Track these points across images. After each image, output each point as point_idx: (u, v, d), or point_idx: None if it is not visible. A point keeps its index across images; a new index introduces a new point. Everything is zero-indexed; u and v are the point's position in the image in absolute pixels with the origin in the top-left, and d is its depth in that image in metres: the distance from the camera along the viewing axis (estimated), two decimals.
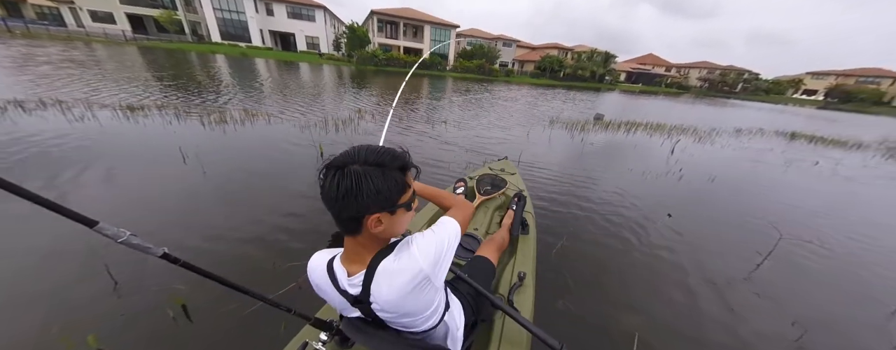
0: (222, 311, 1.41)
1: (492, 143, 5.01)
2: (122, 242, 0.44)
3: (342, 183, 0.52)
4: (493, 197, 2.02)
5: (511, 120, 7.46)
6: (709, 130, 8.10)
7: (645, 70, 47.94)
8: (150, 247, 0.48)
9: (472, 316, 0.90)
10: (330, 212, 0.56)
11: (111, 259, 1.66)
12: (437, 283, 0.63)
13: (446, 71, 31.82)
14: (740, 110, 17.91)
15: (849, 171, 5.30)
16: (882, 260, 2.51)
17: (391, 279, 0.59)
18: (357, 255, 0.62)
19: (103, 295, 1.50)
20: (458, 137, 5.15)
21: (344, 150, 0.56)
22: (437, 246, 0.62)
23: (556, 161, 4.39)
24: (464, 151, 4.36)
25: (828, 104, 37.94)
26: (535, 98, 14.07)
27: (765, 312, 1.80)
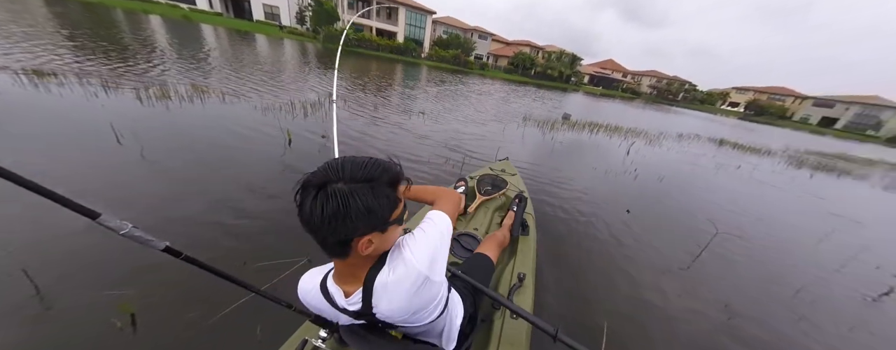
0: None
1: (469, 138, 5.02)
2: (123, 235, 0.43)
3: (327, 205, 0.45)
4: (493, 197, 2.00)
5: (486, 115, 7.54)
6: (657, 134, 8.95)
7: (605, 74, 51.27)
8: (152, 240, 0.47)
9: (471, 308, 0.90)
10: (313, 237, 0.50)
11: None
12: (438, 279, 0.60)
13: (421, 59, 30.90)
14: (681, 117, 20.04)
15: (762, 174, 6.24)
16: (785, 249, 3.02)
17: (391, 292, 0.57)
18: (350, 275, 0.59)
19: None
20: (436, 131, 5.05)
21: (323, 165, 0.49)
22: (429, 245, 0.59)
23: (528, 158, 4.55)
24: (442, 147, 4.28)
25: (746, 116, 44.05)
26: (507, 94, 14.35)
27: (704, 297, 2.07)
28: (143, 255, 1.36)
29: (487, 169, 2.50)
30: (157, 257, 0.54)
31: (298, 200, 0.48)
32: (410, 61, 27.08)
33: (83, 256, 1.51)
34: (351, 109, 5.46)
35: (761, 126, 27.54)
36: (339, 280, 0.61)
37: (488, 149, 4.52)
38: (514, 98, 12.90)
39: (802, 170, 7.52)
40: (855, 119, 42.19)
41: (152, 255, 0.54)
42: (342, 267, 0.59)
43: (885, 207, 5.61)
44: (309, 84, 7.23)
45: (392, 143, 4.13)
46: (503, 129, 6.08)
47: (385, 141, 4.13)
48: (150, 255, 1.36)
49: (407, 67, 20.07)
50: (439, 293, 0.65)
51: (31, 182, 0.37)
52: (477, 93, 12.29)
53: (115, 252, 1.53)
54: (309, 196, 0.46)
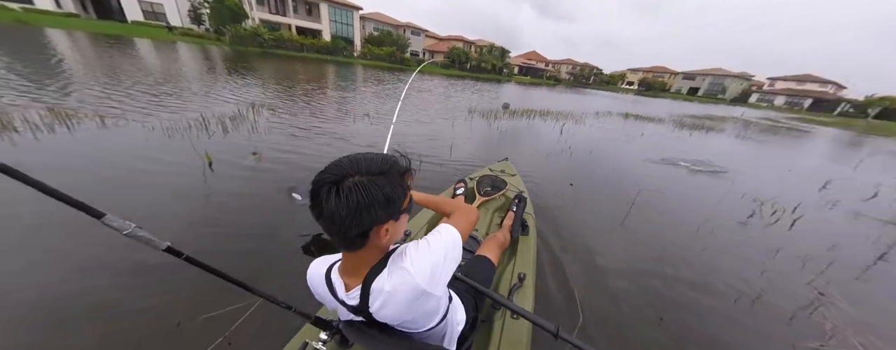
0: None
1: (420, 139, 4.95)
2: (127, 234, 0.44)
3: (350, 197, 0.47)
4: (493, 198, 1.97)
5: (433, 112, 7.56)
6: (580, 114, 10.12)
7: (531, 65, 55.56)
8: (154, 240, 0.48)
9: (473, 312, 0.90)
10: (331, 232, 0.50)
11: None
12: (437, 293, 0.59)
13: (354, 58, 29.15)
14: (594, 98, 22.94)
15: (659, 138, 7.57)
16: (685, 194, 3.75)
17: (387, 298, 0.56)
18: (354, 269, 0.59)
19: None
20: (383, 135, 4.79)
21: (334, 163, 0.51)
22: (432, 259, 0.57)
23: (479, 148, 4.73)
24: (392, 153, 4.15)
25: (639, 92, 52.47)
26: (446, 88, 14.54)
27: (641, 243, 2.47)
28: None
29: (487, 170, 2.49)
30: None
31: (314, 198, 0.48)
32: (342, 61, 25.43)
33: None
34: (281, 120, 4.82)
35: (650, 99, 33.09)
36: (344, 272, 0.61)
37: (441, 148, 4.50)
38: (455, 93, 13.14)
39: (684, 130, 9.33)
40: (709, 87, 53.65)
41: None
42: (349, 260, 0.59)
43: (738, 151, 7.34)
44: (222, 95, 6.18)
45: (337, 153, 3.83)
46: (452, 125, 6.18)
47: (328, 152, 3.70)
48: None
49: (339, 68, 18.83)
50: (438, 305, 0.65)
51: (39, 182, 0.37)
52: (418, 90, 12.19)
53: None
54: (328, 192, 0.47)
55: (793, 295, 2.05)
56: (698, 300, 1.90)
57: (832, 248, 2.77)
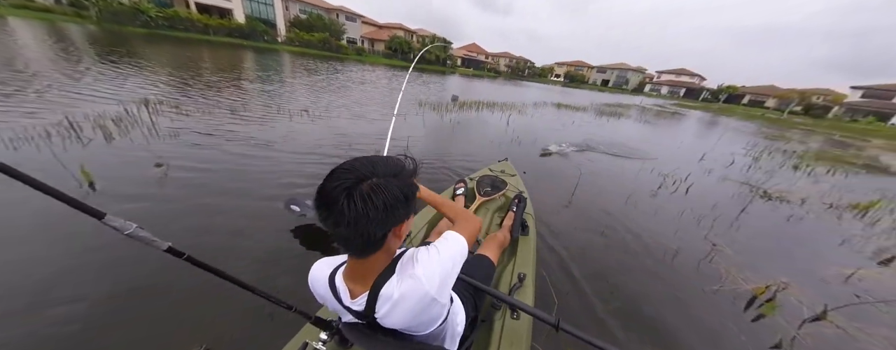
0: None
1: (374, 135, 4.66)
2: (128, 235, 0.44)
3: (376, 198, 0.45)
4: (493, 198, 1.94)
5: (383, 105, 7.15)
6: (521, 105, 10.80)
7: (473, 57, 56.80)
8: (156, 240, 0.47)
9: (473, 312, 0.89)
10: (351, 238, 0.48)
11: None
12: (443, 301, 0.58)
13: (277, 43, 25.59)
14: (530, 90, 24.72)
15: (587, 126, 8.56)
16: (615, 173, 4.32)
17: (395, 305, 0.55)
18: (362, 276, 0.57)
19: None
20: (328, 136, 4.17)
21: (340, 170, 0.48)
22: (441, 267, 0.56)
23: (436, 144, 4.66)
24: (345, 157, 3.80)
25: (565, 84, 58.57)
26: (389, 80, 13.94)
27: (587, 217, 2.75)
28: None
29: (487, 170, 2.45)
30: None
31: (329, 206, 0.45)
32: (263, 47, 22.17)
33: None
34: (189, 121, 3.79)
35: (574, 90, 37.20)
36: (349, 278, 0.59)
37: (397, 146, 4.28)
38: (401, 85, 12.67)
39: (603, 118, 10.75)
40: (616, 80, 62.72)
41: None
42: (357, 266, 0.57)
43: (643, 133, 8.77)
44: (97, 90, 4.67)
45: (278, 158, 3.11)
46: (405, 119, 5.95)
47: (263, 158, 3.01)
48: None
49: (261, 55, 16.34)
50: (442, 311, 0.64)
51: (42, 183, 0.37)
52: (361, 81, 11.39)
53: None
54: (351, 196, 0.45)
55: (696, 248, 2.54)
56: (632, 261, 2.22)
57: (713, 207, 3.52)
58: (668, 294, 1.94)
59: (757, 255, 2.56)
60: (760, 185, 4.59)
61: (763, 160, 6.60)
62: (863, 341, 1.70)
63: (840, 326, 1.78)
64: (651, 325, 1.66)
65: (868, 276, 2.42)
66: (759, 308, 1.90)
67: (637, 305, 1.79)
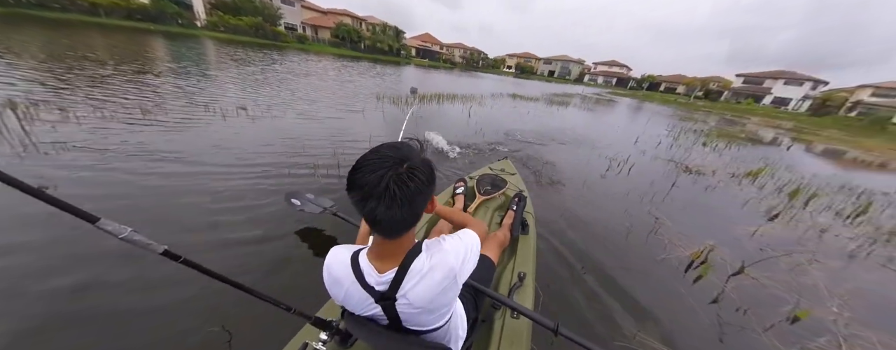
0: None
1: (332, 135, 4.24)
2: (122, 239, 0.43)
3: (419, 177, 0.50)
4: (493, 197, 1.92)
5: (336, 101, 6.58)
6: (480, 97, 10.92)
7: (427, 47, 55.59)
8: (151, 243, 0.46)
9: (473, 312, 0.88)
10: (395, 218, 0.50)
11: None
12: (460, 282, 0.61)
13: (196, 28, 21.90)
14: (485, 81, 25.22)
15: (540, 114, 9.02)
16: (567, 159, 4.61)
17: (425, 277, 0.57)
18: (391, 255, 0.59)
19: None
20: (275, 137, 3.56)
21: (374, 158, 0.49)
22: (464, 247, 0.63)
23: (395, 134, 4.44)
24: (299, 156, 3.24)
25: (517, 75, 61.09)
26: (338, 71, 12.95)
27: (552, 207, 2.88)
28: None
29: (487, 168, 2.41)
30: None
31: (372, 187, 0.47)
32: (176, 32, 18.82)
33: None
34: (78, 127, 2.99)
35: (525, 81, 39.05)
36: (376, 257, 0.60)
37: (359, 145, 3.95)
38: (354, 77, 11.84)
39: (553, 107, 11.45)
40: (560, 71, 67.40)
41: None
42: (386, 246, 0.58)
43: (588, 120, 9.57)
44: None
45: (203, 179, 2.37)
46: (363, 115, 5.56)
47: (186, 181, 2.32)
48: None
49: (174, 42, 13.89)
50: (453, 301, 0.65)
51: (34, 188, 0.37)
52: (304, 73, 10.33)
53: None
54: (398, 181, 0.47)
55: (643, 223, 2.84)
56: (595, 242, 2.38)
57: (651, 184, 3.98)
58: (627, 268, 2.13)
59: (688, 223, 2.95)
60: (682, 161, 5.33)
61: (681, 139, 7.70)
62: (770, 287, 2.08)
63: (754, 277, 2.14)
64: (619, 298, 1.79)
65: (765, 231, 2.97)
66: (696, 270, 2.19)
67: (605, 283, 1.92)
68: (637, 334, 1.55)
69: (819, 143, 11.45)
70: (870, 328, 1.78)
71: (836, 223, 3.44)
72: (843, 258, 2.64)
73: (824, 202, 4.09)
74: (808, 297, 2.00)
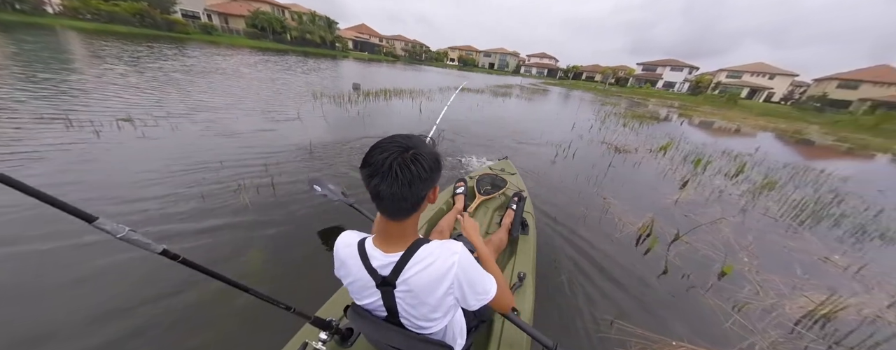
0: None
1: (267, 144, 3.53)
2: (121, 238, 0.42)
3: (422, 163, 0.52)
4: (492, 197, 1.91)
5: (262, 102, 5.58)
6: (429, 91, 10.61)
7: (365, 39, 52.10)
8: (150, 243, 0.45)
9: (474, 319, 0.85)
10: (403, 197, 0.52)
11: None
12: (454, 286, 0.59)
13: (47, 16, 16.75)
14: (430, 74, 24.85)
15: (488, 106, 9.17)
16: (521, 149, 4.72)
17: (427, 266, 0.57)
18: (398, 238, 0.60)
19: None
20: (183, 154, 2.85)
21: (385, 143, 0.53)
22: (475, 268, 0.61)
23: (346, 142, 3.95)
24: (208, 183, 2.53)
25: (460, 67, 61.94)
26: (264, 67, 11.25)
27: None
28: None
29: (487, 168, 2.39)
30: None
31: (384, 167, 0.50)
32: (15, 21, 14.30)
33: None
34: None
35: (468, 73, 39.82)
36: (382, 241, 0.61)
37: (300, 153, 3.36)
38: (281, 73, 10.34)
39: (498, 98, 11.81)
40: (499, 63, 70.57)
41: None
42: (393, 229, 0.59)
43: (532, 110, 10.12)
44: None
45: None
46: (299, 117, 4.81)
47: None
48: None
49: (11, 33, 10.46)
50: (448, 305, 0.62)
51: (30, 187, 0.36)
52: (215, 71, 8.62)
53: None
54: (401, 164, 0.50)
55: (596, 205, 3.01)
56: (562, 231, 2.42)
57: (593, 166, 4.31)
58: (591, 252, 2.19)
59: (629, 199, 3.24)
60: (612, 142, 5.95)
61: (607, 122, 8.66)
62: (701, 249, 2.36)
63: (687, 242, 2.42)
64: (591, 286, 1.81)
65: (683, 197, 3.44)
66: (645, 243, 2.38)
67: (578, 272, 1.93)
68: (614, 322, 1.56)
69: (697, 117, 14.19)
70: (772, 272, 2.15)
71: (726, 183, 4.20)
72: (739, 213, 3.21)
73: (715, 166, 4.98)
74: (726, 253, 2.34)
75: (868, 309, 1.81)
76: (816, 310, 1.76)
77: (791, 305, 1.81)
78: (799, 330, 1.66)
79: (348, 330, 0.75)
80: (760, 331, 1.61)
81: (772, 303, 1.82)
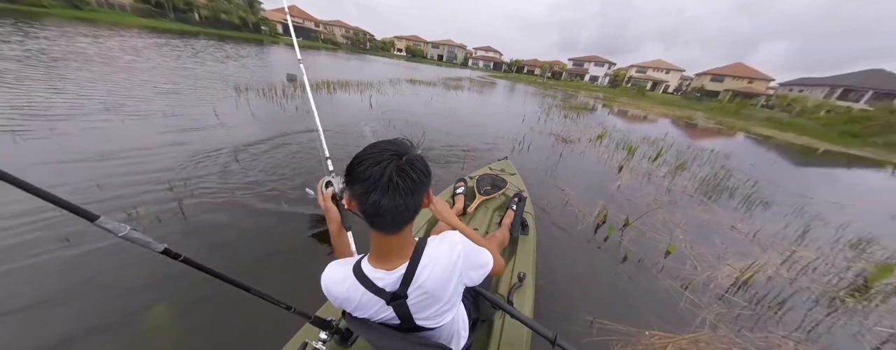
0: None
1: (174, 152, 2.70)
2: (122, 237, 0.42)
3: (419, 168, 0.50)
4: (492, 197, 1.90)
5: (160, 100, 4.38)
6: (378, 83, 9.86)
7: (299, 24, 46.26)
8: (151, 242, 0.45)
9: (474, 313, 0.87)
10: (398, 209, 0.49)
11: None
12: (462, 266, 0.59)
13: None
14: (377, 64, 23.38)
15: (441, 99, 8.94)
16: (479, 142, 4.66)
17: (435, 265, 0.57)
18: (399, 252, 0.57)
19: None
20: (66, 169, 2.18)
21: (374, 152, 0.49)
22: (473, 248, 0.62)
23: (283, 145, 3.32)
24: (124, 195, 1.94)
25: (408, 58, 59.97)
26: (152, 52, 9.07)
27: None
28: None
29: (487, 168, 2.38)
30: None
31: (376, 180, 0.47)
32: None
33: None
34: None
35: (418, 64, 38.79)
36: (382, 261, 0.58)
37: (216, 166, 2.69)
38: (189, 61, 8.41)
39: (451, 91, 11.68)
40: (448, 55, 70.48)
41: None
42: (389, 243, 0.56)
43: (483, 102, 10.24)
44: None
45: None
46: (216, 115, 3.89)
47: None
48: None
49: None
50: (459, 290, 0.62)
51: (32, 185, 0.36)
52: (86, 59, 6.60)
53: None
54: (400, 172, 0.48)
55: (555, 197, 3.09)
56: None
57: (546, 158, 4.50)
58: (563, 248, 2.22)
59: (582, 188, 3.44)
60: (559, 134, 6.36)
61: (551, 114, 9.27)
62: (647, 232, 2.60)
63: (637, 226, 2.64)
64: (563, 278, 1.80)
65: (623, 183, 3.80)
66: (602, 231, 2.51)
67: (547, 270, 1.90)
68: (595, 322, 1.56)
69: (617, 107, 16.34)
70: (701, 245, 2.47)
71: (651, 166, 4.82)
72: (666, 193, 3.68)
73: (641, 151, 5.70)
74: (665, 233, 2.62)
75: (770, 269, 2.21)
76: (739, 278, 2.06)
77: (721, 275, 2.09)
78: (729, 297, 1.91)
79: (348, 330, 0.75)
80: (706, 305, 1.79)
81: (707, 275, 2.08)
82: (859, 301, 2.00)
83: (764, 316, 1.77)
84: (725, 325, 1.66)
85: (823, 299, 1.99)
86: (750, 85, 36.99)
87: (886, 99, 24.07)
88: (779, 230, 3.00)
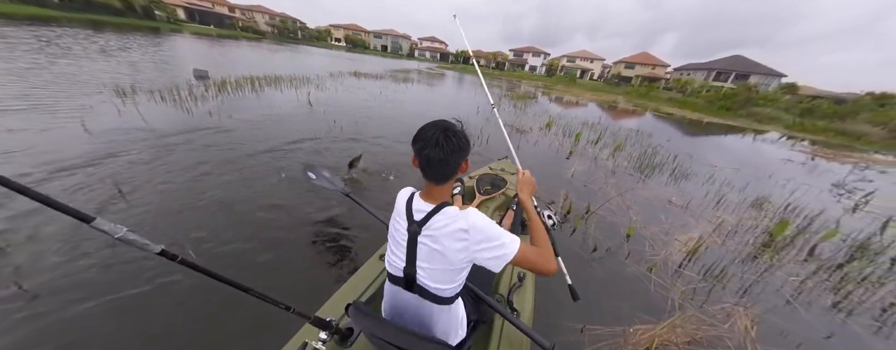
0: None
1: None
2: (118, 238, 0.42)
3: (460, 136, 0.67)
4: (492, 197, 1.85)
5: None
6: (316, 77, 8.71)
7: (206, 9, 38.51)
8: (148, 243, 0.45)
9: (473, 314, 0.88)
10: (444, 163, 0.65)
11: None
12: (468, 244, 0.66)
13: None
14: (314, 56, 20.95)
15: (392, 93, 8.35)
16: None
17: (450, 220, 0.66)
18: (437, 196, 0.72)
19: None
20: None
21: (429, 125, 0.67)
22: (489, 224, 0.67)
23: (193, 154, 2.56)
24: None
25: (349, 49, 55.46)
26: (9, 45, 6.57)
27: None
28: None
29: (487, 168, 2.32)
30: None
31: (432, 142, 0.64)
32: None
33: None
34: None
35: (360, 55, 36.14)
36: (425, 196, 0.73)
37: (86, 192, 1.90)
38: (44, 58, 6.21)
39: (401, 84, 11.05)
40: (392, 46, 67.26)
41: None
42: (433, 190, 0.72)
43: (434, 95, 9.93)
44: None
45: None
46: (84, 128, 2.83)
47: None
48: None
49: None
50: (461, 265, 0.68)
51: (27, 188, 0.36)
52: None
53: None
54: (446, 135, 0.65)
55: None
56: None
57: (506, 150, 4.48)
58: None
59: (545, 179, 3.47)
60: (513, 124, 6.47)
61: (502, 104, 9.46)
62: (607, 217, 2.71)
63: (597, 213, 2.73)
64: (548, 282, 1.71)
65: (575, 169, 3.99)
66: (571, 223, 2.52)
67: None
68: (585, 328, 1.49)
69: (555, 94, 17.73)
70: (651, 223, 2.67)
71: (595, 150, 5.21)
72: (612, 175, 3.97)
73: (585, 136, 6.14)
74: (622, 215, 2.77)
75: (707, 239, 2.48)
76: (688, 253, 2.26)
77: (674, 252, 2.26)
78: (683, 272, 2.07)
79: (348, 330, 0.76)
80: (670, 285, 1.90)
81: (664, 254, 2.23)
82: (772, 255, 2.37)
83: (715, 288, 1.94)
84: (689, 303, 1.76)
85: (748, 260, 2.31)
86: (653, 71, 43.95)
87: (744, 79, 31.25)
88: (702, 200, 3.47)
